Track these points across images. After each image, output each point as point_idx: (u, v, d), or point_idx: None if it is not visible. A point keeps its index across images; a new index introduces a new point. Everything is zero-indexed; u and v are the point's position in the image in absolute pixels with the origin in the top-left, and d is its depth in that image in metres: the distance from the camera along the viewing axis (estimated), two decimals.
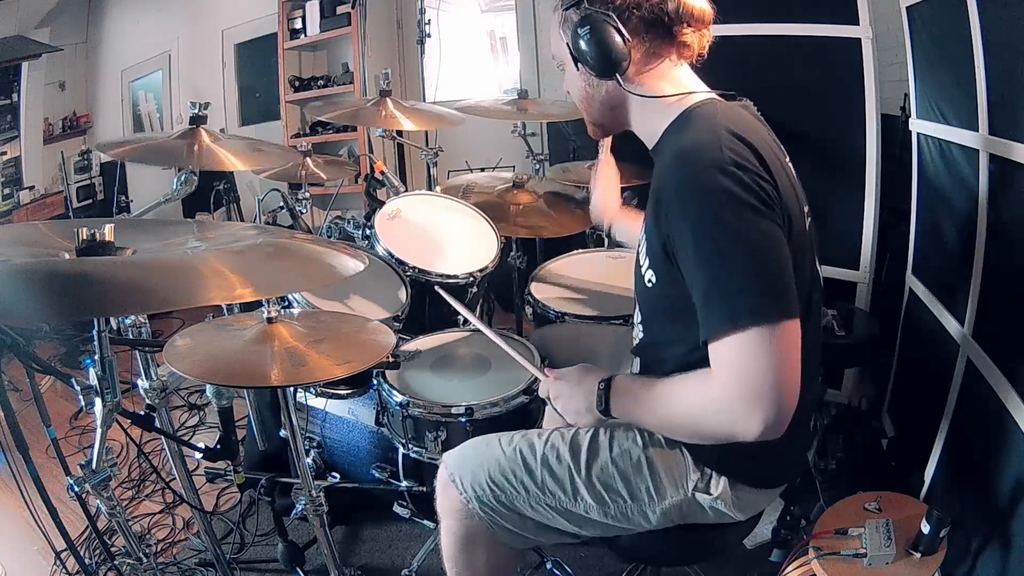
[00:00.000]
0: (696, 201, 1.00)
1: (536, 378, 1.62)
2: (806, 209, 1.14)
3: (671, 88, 1.15)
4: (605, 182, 1.71)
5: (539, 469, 1.24)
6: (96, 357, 1.16)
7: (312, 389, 1.93)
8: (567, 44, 1.14)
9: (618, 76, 1.12)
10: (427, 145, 2.85)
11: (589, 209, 1.79)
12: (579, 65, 1.15)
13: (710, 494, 1.20)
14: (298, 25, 4.05)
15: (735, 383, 0.95)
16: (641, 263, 1.17)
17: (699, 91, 1.16)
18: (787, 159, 1.16)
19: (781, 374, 0.94)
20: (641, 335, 1.26)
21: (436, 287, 1.76)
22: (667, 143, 1.14)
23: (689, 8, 1.10)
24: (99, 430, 1.21)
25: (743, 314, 0.94)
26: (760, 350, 0.94)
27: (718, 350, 0.97)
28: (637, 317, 1.27)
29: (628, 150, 1.63)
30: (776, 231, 0.99)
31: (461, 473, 1.28)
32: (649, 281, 1.14)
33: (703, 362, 1.00)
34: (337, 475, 1.93)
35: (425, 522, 1.94)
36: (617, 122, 1.24)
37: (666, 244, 1.04)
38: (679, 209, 1.01)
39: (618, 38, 1.08)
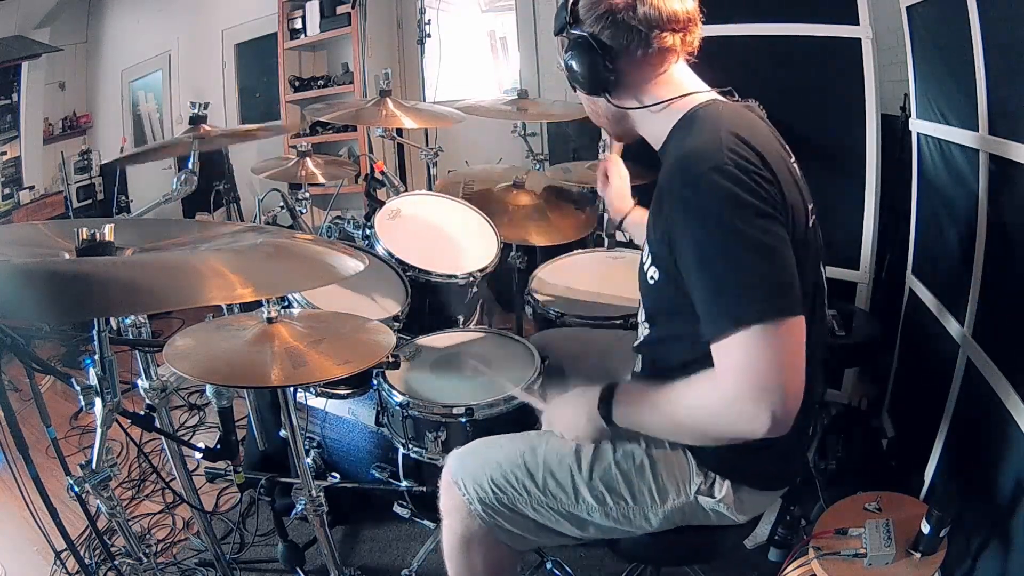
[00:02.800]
0: (697, 203, 1.00)
1: (536, 377, 1.63)
2: (810, 207, 1.14)
3: (669, 92, 1.15)
4: (617, 181, 1.69)
5: (541, 471, 1.24)
6: (96, 357, 1.16)
7: (312, 389, 1.93)
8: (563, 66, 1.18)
9: (606, 94, 1.16)
10: (427, 145, 2.85)
11: (597, 213, 1.77)
12: (574, 85, 1.19)
13: (713, 497, 1.20)
14: (298, 25, 4.04)
15: (741, 381, 0.96)
16: (644, 260, 1.18)
17: (700, 91, 1.17)
18: (792, 160, 1.17)
19: (786, 370, 0.95)
20: (647, 331, 1.26)
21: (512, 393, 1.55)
22: (672, 145, 1.15)
23: (658, 10, 1.09)
24: (99, 430, 1.21)
25: (746, 313, 0.95)
26: (765, 347, 0.94)
27: (722, 349, 0.98)
28: (642, 315, 1.27)
29: (629, 150, 1.63)
30: (778, 229, 0.99)
31: (463, 475, 1.28)
32: (652, 278, 1.15)
33: (709, 358, 1.00)
34: (337, 475, 1.92)
35: (425, 522, 1.94)
36: (628, 131, 1.26)
37: (668, 243, 1.05)
38: (681, 212, 1.02)
39: (597, 58, 1.12)
